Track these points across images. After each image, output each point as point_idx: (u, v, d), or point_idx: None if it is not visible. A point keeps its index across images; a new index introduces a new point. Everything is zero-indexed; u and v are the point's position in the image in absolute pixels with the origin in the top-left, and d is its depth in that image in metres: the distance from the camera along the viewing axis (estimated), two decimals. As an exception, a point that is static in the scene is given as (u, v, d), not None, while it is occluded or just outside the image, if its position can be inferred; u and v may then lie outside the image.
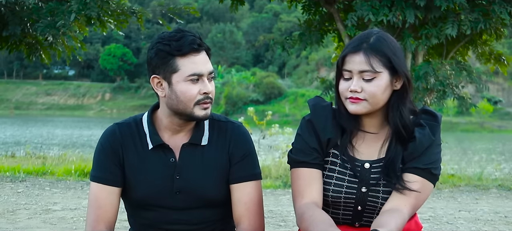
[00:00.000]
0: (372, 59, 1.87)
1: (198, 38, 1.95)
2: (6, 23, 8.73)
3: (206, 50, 1.98)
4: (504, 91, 64.15)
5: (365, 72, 1.87)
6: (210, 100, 1.97)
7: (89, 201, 2.04)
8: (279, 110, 55.92)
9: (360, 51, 1.88)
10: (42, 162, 9.38)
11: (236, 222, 2.07)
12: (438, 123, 1.95)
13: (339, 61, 1.94)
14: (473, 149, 28.10)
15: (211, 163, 2.05)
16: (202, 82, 1.95)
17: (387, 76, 1.89)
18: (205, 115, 1.98)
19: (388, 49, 1.89)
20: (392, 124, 1.93)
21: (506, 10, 7.50)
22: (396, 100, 1.93)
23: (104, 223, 2.01)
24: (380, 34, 1.92)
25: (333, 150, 1.99)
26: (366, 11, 7.63)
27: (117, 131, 2.06)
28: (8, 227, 4.77)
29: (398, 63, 1.89)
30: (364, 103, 1.90)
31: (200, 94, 1.95)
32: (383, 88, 1.89)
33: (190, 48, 1.92)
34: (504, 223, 5.55)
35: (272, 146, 11.74)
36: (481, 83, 8.66)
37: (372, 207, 1.97)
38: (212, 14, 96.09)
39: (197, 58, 1.93)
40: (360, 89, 1.88)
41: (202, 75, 1.94)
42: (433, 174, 1.93)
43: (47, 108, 79.62)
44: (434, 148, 1.93)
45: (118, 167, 2.03)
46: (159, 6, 10.66)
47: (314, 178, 1.96)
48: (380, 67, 1.87)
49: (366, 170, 1.97)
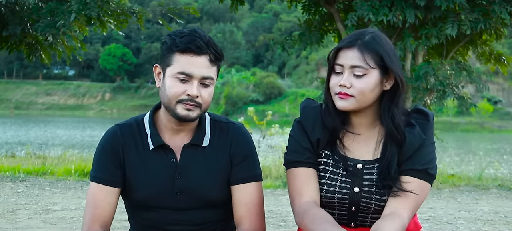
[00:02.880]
0: (365, 55, 1.88)
1: (204, 42, 1.92)
2: (6, 23, 8.72)
3: (212, 56, 1.94)
4: (504, 91, 64.15)
5: (357, 68, 1.89)
6: (194, 104, 1.94)
7: (87, 200, 2.04)
8: (279, 110, 55.96)
9: (354, 47, 1.90)
10: (42, 162, 9.38)
11: (237, 223, 2.07)
12: (429, 121, 1.95)
13: (331, 56, 1.96)
14: (473, 149, 28.10)
15: (212, 164, 2.04)
16: (191, 84, 1.93)
17: (377, 74, 1.90)
18: (186, 116, 1.95)
19: (382, 48, 1.90)
20: (385, 125, 1.94)
21: (506, 10, 7.50)
22: (388, 101, 1.93)
23: (99, 223, 2.01)
24: (376, 34, 1.94)
25: (325, 150, 2.00)
26: (366, 11, 7.63)
27: (118, 131, 2.06)
28: (8, 227, 4.77)
29: (390, 63, 1.90)
30: (351, 100, 1.91)
31: (184, 95, 1.93)
32: (372, 86, 1.89)
33: (187, 47, 1.91)
34: (504, 223, 5.55)
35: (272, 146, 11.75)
36: (481, 83, 8.66)
37: (366, 208, 1.97)
38: (212, 14, 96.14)
39: (194, 60, 1.92)
40: (349, 84, 1.89)
41: (191, 77, 1.92)
42: (430, 174, 1.93)
43: (47, 108, 79.65)
44: (427, 147, 1.93)
45: (118, 168, 2.03)
46: (159, 6, 10.66)
47: (310, 176, 1.98)
48: (372, 64, 1.88)
49: (358, 170, 1.97)
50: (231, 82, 66.69)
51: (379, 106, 1.95)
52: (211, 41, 1.95)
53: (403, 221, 1.85)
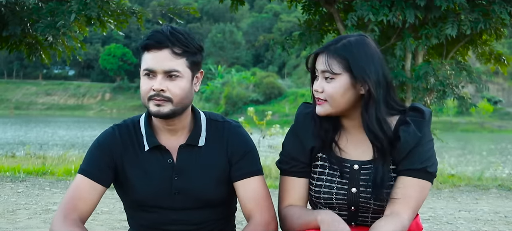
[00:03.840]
0: (330, 60, 1.90)
1: (164, 36, 1.92)
2: (6, 23, 8.73)
3: (174, 48, 1.91)
4: (504, 91, 64.14)
5: (325, 72, 1.91)
6: (162, 98, 1.93)
7: (70, 190, 2.00)
8: (279, 110, 55.95)
9: (324, 52, 1.92)
10: (42, 162, 9.37)
11: (247, 219, 2.05)
12: (425, 118, 1.92)
13: (310, 61, 1.98)
14: (473, 149, 28.10)
15: (208, 164, 2.04)
16: (155, 79, 1.93)
17: (346, 79, 1.90)
18: (157, 112, 1.94)
19: (350, 54, 1.89)
20: (364, 129, 1.93)
21: (506, 10, 7.50)
22: (363, 105, 1.92)
23: (78, 214, 1.97)
24: (353, 40, 1.92)
25: (321, 154, 2.01)
26: (366, 11, 7.63)
27: (117, 132, 2.06)
28: (8, 227, 4.76)
29: (356, 69, 1.88)
30: (325, 105, 1.93)
31: (152, 90, 1.93)
32: (342, 90, 1.90)
33: (147, 43, 1.93)
34: (504, 223, 5.54)
35: (272, 146, 11.76)
36: (481, 83, 8.66)
37: (365, 208, 1.97)
38: (212, 14, 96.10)
39: (156, 54, 1.92)
40: (321, 89, 1.92)
41: (154, 72, 1.93)
42: (429, 172, 1.91)
43: (47, 108, 79.63)
44: (424, 145, 1.91)
45: (109, 168, 2.03)
46: (159, 6, 10.67)
47: (293, 185, 2.02)
48: (338, 69, 1.89)
49: (355, 171, 1.97)
50: (231, 82, 66.65)
51: None
52: (175, 34, 1.92)
53: (403, 222, 1.85)
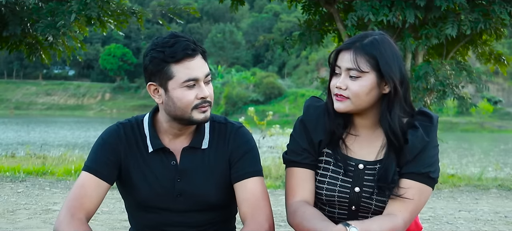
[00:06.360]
0: (359, 58, 1.88)
1: (192, 42, 1.92)
2: (6, 23, 8.73)
3: (202, 53, 1.95)
4: (504, 91, 64.13)
5: (352, 70, 1.89)
6: (208, 103, 1.95)
7: (75, 187, 1.98)
8: (279, 110, 55.95)
9: (351, 49, 1.90)
10: (42, 162, 9.37)
11: (242, 220, 2.04)
12: (433, 124, 1.92)
13: (332, 57, 1.96)
14: (473, 149, 28.10)
15: (211, 166, 2.04)
16: (199, 87, 1.93)
17: (373, 78, 1.89)
18: (204, 118, 1.96)
19: (378, 52, 1.89)
20: (383, 128, 1.93)
21: (506, 10, 7.50)
22: (386, 104, 1.92)
23: (84, 213, 1.95)
24: (378, 37, 1.92)
25: (327, 149, 2.00)
26: (366, 11, 7.63)
27: (122, 131, 2.05)
28: (8, 227, 4.77)
29: (385, 67, 1.88)
30: (347, 102, 1.91)
31: (197, 99, 1.93)
32: (367, 89, 1.89)
33: (184, 54, 1.90)
34: (504, 223, 5.55)
35: (272, 146, 11.76)
36: (481, 83, 8.66)
37: (366, 208, 1.97)
38: (212, 14, 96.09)
39: (192, 63, 1.91)
40: (345, 86, 1.90)
41: (198, 80, 1.92)
42: (431, 178, 1.91)
43: (47, 108, 79.61)
44: (430, 150, 1.91)
45: (114, 166, 2.02)
46: (159, 6, 10.67)
47: (305, 177, 1.99)
48: (366, 68, 1.88)
49: (360, 170, 1.97)
50: (231, 82, 66.66)
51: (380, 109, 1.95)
52: (192, 39, 1.94)
53: (396, 222, 1.85)
